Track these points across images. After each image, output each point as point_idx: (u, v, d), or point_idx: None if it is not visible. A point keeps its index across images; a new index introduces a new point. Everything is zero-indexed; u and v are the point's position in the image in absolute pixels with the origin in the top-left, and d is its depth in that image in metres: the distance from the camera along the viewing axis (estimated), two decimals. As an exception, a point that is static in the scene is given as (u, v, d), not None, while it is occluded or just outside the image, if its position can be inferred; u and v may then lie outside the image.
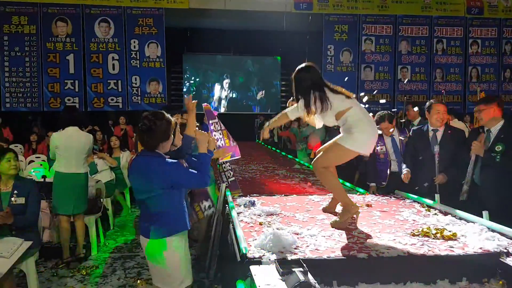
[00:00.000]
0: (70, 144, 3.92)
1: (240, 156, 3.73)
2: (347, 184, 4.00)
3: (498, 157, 2.87)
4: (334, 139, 2.72)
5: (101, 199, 4.53)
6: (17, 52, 9.61)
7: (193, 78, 14.45)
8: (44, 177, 4.54)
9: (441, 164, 3.23)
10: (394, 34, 11.03)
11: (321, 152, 2.72)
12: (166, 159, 2.12)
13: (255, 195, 3.31)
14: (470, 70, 11.38)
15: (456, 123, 5.68)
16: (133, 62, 10.13)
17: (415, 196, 3.15)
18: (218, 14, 10.74)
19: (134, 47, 10.09)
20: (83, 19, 9.81)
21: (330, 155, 2.64)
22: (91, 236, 4.32)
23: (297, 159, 6.56)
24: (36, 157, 6.31)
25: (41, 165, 5.62)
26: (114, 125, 9.24)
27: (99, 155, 5.34)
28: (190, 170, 2.16)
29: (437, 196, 2.88)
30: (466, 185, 3.00)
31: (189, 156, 2.43)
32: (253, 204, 2.94)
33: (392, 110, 5.16)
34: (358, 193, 3.56)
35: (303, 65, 2.67)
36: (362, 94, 2.92)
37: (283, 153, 7.78)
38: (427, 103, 3.59)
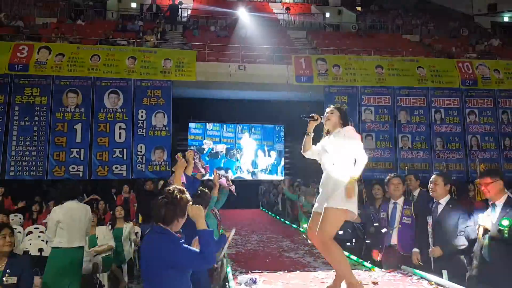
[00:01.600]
0: (72, 218, 3.90)
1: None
2: (353, 257, 3.87)
3: (506, 232, 2.82)
4: (318, 207, 2.77)
5: (97, 275, 4.37)
6: (26, 121, 9.83)
7: (198, 145, 14.67)
8: (41, 250, 4.44)
9: (438, 236, 3.21)
10: (393, 104, 11.37)
11: (318, 225, 2.69)
12: (177, 238, 2.09)
13: (257, 271, 3.19)
14: (470, 139, 11.53)
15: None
16: (140, 131, 10.37)
17: (423, 273, 3.04)
18: (223, 86, 11.23)
19: (142, 116, 10.40)
20: (93, 90, 10.24)
21: (329, 223, 2.62)
22: (85, 316, 4.09)
23: (302, 230, 6.42)
24: (35, 228, 6.21)
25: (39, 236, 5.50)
26: (116, 194, 9.21)
27: (93, 251, 5.10)
28: (193, 250, 2.08)
29: (444, 273, 2.78)
30: (476, 260, 2.92)
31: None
32: (254, 282, 2.83)
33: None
34: (364, 269, 3.44)
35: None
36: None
37: (287, 222, 7.64)
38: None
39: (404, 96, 11.44)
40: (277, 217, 8.79)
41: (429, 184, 3.59)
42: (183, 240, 2.10)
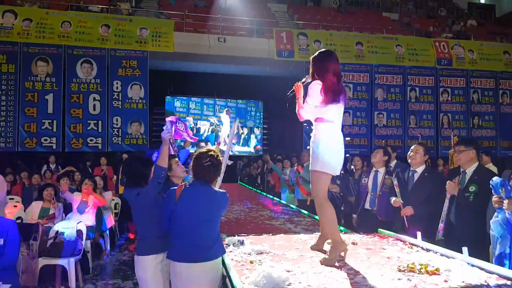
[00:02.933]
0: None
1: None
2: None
3: (471, 197, 3.02)
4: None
5: (82, 241, 4.35)
6: (-7, 90, 9.43)
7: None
8: (19, 218, 4.36)
9: (411, 199, 3.46)
10: (371, 82, 11.53)
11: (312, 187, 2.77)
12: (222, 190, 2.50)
13: (243, 235, 3.25)
14: (442, 117, 11.91)
15: (490, 167, 5.81)
16: (115, 103, 10.13)
17: (398, 235, 3.21)
18: (202, 58, 11.03)
19: (117, 88, 10.13)
20: (65, 59, 9.85)
21: (315, 186, 2.68)
22: (70, 281, 4.09)
23: (279, 200, 6.53)
24: (9, 199, 6.06)
25: (15, 206, 5.38)
26: (92, 166, 9.02)
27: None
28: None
29: (418, 234, 2.94)
30: (442, 223, 3.12)
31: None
32: (242, 243, 2.89)
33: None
34: (344, 232, 3.56)
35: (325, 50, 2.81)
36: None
37: (265, 194, 7.75)
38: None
39: (381, 74, 11.62)
40: (256, 190, 8.88)
41: (410, 152, 3.73)
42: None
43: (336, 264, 2.39)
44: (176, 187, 2.47)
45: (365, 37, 11.78)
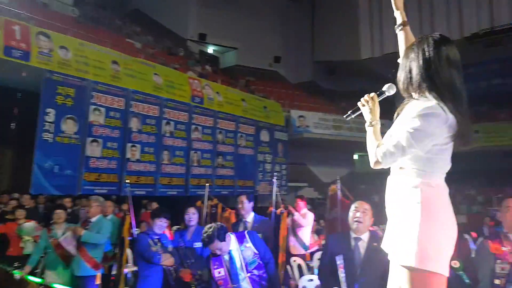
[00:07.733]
0: None
1: None
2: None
3: None
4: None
5: None
6: None
7: None
8: None
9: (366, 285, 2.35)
10: (126, 108, 9.99)
11: None
12: None
13: None
14: (192, 154, 11.73)
15: None
16: None
17: None
18: None
19: None
20: None
21: None
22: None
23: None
24: None
25: None
26: None
27: None
28: None
29: None
30: None
31: None
32: None
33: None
34: None
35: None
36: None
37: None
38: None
39: (138, 102, 10.31)
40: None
41: (356, 213, 2.62)
42: None
43: None
44: None
45: (122, 57, 10.23)
